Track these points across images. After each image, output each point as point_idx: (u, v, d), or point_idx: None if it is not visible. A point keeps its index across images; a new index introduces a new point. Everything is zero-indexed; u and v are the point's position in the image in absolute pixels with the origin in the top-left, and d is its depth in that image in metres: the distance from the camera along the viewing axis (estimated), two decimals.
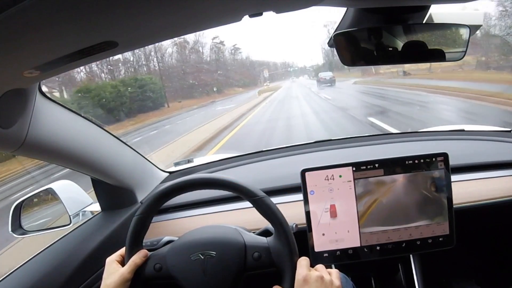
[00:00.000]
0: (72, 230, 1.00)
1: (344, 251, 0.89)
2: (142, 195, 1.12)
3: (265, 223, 0.69)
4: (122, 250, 0.70)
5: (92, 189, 1.06)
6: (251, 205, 0.67)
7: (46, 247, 0.92)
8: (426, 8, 0.64)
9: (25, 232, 1.01)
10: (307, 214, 0.88)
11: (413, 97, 9.60)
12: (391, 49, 0.70)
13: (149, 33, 0.49)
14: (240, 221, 0.94)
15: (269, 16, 0.48)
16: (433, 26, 0.70)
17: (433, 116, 6.81)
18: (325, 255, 0.89)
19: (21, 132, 0.66)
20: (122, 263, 0.69)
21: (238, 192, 0.68)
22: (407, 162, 0.88)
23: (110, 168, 0.98)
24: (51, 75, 0.59)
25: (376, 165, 0.87)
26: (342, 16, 0.71)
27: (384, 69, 17.02)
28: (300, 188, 0.87)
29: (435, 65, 11.84)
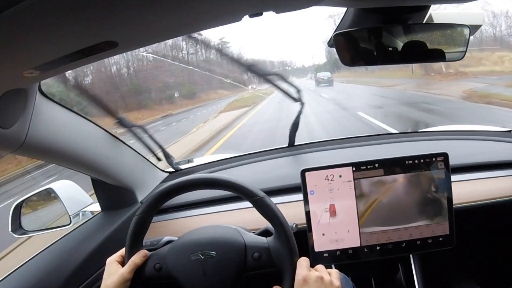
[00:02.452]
0: (72, 230, 1.00)
1: (344, 251, 0.89)
2: (142, 195, 1.12)
3: (265, 223, 0.69)
4: (123, 251, 0.71)
5: (93, 190, 1.06)
6: (251, 205, 0.67)
7: (46, 247, 0.92)
8: (426, 8, 0.64)
9: (25, 232, 1.01)
10: (307, 214, 0.88)
11: None
12: (391, 49, 0.70)
13: (149, 33, 0.49)
14: (240, 221, 0.94)
15: (268, 15, 0.48)
16: (433, 26, 0.70)
17: None
18: (325, 255, 0.88)
19: (21, 132, 0.66)
20: (122, 263, 0.69)
21: (238, 192, 0.68)
22: (407, 162, 0.88)
23: (110, 168, 0.98)
24: (51, 75, 0.59)
25: (376, 165, 0.87)
26: (342, 16, 0.71)
27: (454, 66, 10.34)
28: (300, 188, 0.87)
29: None
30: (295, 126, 1.34)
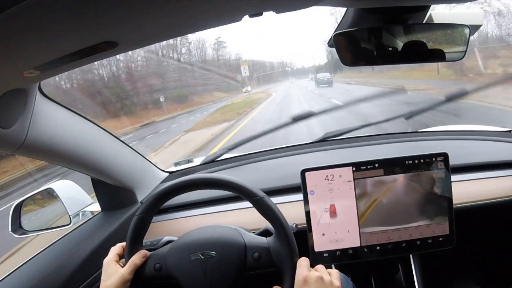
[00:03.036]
0: (72, 230, 1.00)
1: (344, 251, 0.89)
2: (142, 195, 1.12)
3: (265, 223, 0.69)
4: (116, 248, 0.70)
5: (93, 191, 1.06)
6: (251, 205, 0.67)
7: (46, 247, 0.92)
8: (426, 8, 0.64)
9: (25, 232, 1.01)
10: (307, 214, 0.88)
11: None
12: (391, 49, 0.70)
13: (149, 33, 0.49)
14: (240, 221, 0.94)
15: (268, 15, 0.48)
16: (433, 26, 0.70)
17: None
18: (325, 255, 0.88)
19: (21, 132, 0.66)
20: (119, 262, 0.69)
21: (238, 192, 0.68)
22: (407, 162, 0.88)
23: (110, 168, 0.98)
24: (51, 75, 0.59)
25: (376, 165, 0.87)
26: (342, 16, 0.71)
27: (496, 65, 8.48)
28: (300, 188, 0.87)
29: None
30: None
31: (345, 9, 0.69)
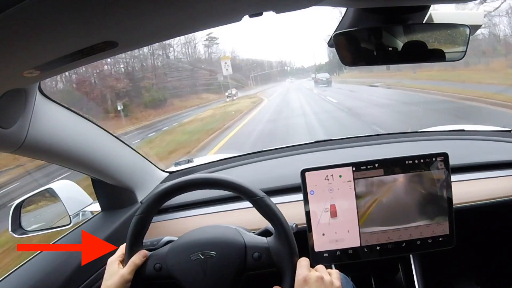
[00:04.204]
0: (72, 230, 1.00)
1: (344, 251, 0.88)
2: (142, 195, 1.12)
3: (265, 223, 0.69)
4: (122, 249, 0.70)
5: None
6: (251, 205, 0.67)
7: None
8: (426, 8, 0.64)
9: (25, 232, 1.01)
10: (307, 214, 0.87)
11: None
12: (391, 49, 0.70)
13: (149, 33, 0.49)
14: (240, 221, 0.94)
15: (268, 14, 0.48)
16: (433, 26, 0.70)
17: None
18: (325, 255, 0.88)
19: (21, 132, 0.66)
20: (123, 262, 0.69)
21: (238, 192, 0.68)
22: (407, 162, 0.88)
23: (110, 168, 0.98)
24: (51, 75, 0.59)
25: (376, 165, 0.87)
26: (342, 16, 0.71)
27: None
28: (300, 188, 0.87)
29: None
30: None
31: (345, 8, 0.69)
